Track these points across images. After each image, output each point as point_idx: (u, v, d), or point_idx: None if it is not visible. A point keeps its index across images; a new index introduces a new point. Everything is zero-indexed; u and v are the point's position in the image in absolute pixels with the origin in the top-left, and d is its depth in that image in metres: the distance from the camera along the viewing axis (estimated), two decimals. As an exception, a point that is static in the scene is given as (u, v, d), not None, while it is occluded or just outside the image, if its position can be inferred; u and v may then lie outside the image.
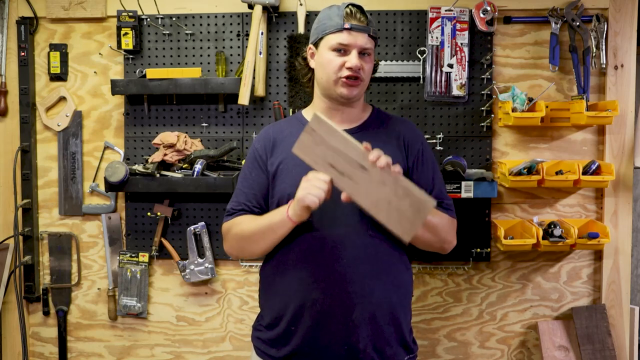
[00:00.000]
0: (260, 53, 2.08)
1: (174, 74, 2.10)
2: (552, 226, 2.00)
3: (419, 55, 2.12)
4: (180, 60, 2.18)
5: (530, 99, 2.00)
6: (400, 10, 2.12)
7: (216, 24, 2.17)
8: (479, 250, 2.14)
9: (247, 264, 2.22)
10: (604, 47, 2.06)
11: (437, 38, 2.08)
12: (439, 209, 1.51)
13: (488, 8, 2.04)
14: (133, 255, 2.21)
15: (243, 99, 2.03)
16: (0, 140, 2.25)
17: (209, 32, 2.17)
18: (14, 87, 2.22)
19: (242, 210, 1.54)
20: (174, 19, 2.16)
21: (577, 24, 2.05)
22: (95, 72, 2.23)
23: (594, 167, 1.99)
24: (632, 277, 2.18)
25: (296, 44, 2.07)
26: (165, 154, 2.11)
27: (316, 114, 1.32)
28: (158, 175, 2.09)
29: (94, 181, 2.25)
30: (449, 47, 2.08)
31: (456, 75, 2.09)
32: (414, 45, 2.12)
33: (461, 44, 2.08)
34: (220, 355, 2.26)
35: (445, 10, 2.07)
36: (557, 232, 1.99)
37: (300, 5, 2.09)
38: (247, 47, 2.07)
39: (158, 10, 2.16)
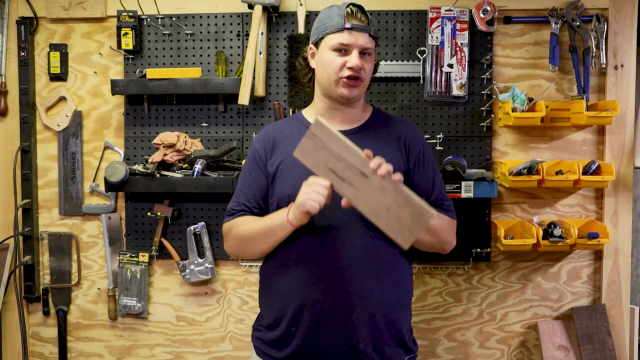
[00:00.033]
0: (260, 53, 2.08)
1: (174, 74, 2.10)
2: (552, 226, 2.00)
3: (419, 55, 2.12)
4: (180, 60, 2.18)
5: (530, 99, 2.00)
6: (400, 10, 2.12)
7: (216, 24, 2.17)
8: (479, 250, 2.14)
9: (247, 263, 2.22)
10: (604, 47, 2.06)
11: (437, 38, 2.08)
12: (439, 210, 1.51)
13: (488, 8, 2.03)
14: (133, 255, 2.21)
15: (243, 99, 2.03)
16: (0, 140, 2.25)
17: (209, 32, 2.17)
18: (14, 87, 2.22)
19: (242, 210, 1.54)
20: (174, 19, 2.16)
21: (577, 24, 2.05)
22: (95, 72, 2.23)
23: (594, 167, 1.99)
24: (632, 277, 2.18)
25: (296, 44, 2.07)
26: (165, 154, 2.11)
27: (318, 118, 1.31)
28: (158, 175, 2.08)
29: (94, 181, 2.25)
30: (449, 47, 2.08)
31: (456, 75, 2.09)
32: (414, 45, 2.12)
33: (461, 44, 2.08)
34: (220, 355, 2.26)
35: (445, 10, 2.07)
36: (557, 232, 1.99)
37: (300, 5, 2.09)
38: (247, 47, 2.07)
39: (158, 10, 2.16)
